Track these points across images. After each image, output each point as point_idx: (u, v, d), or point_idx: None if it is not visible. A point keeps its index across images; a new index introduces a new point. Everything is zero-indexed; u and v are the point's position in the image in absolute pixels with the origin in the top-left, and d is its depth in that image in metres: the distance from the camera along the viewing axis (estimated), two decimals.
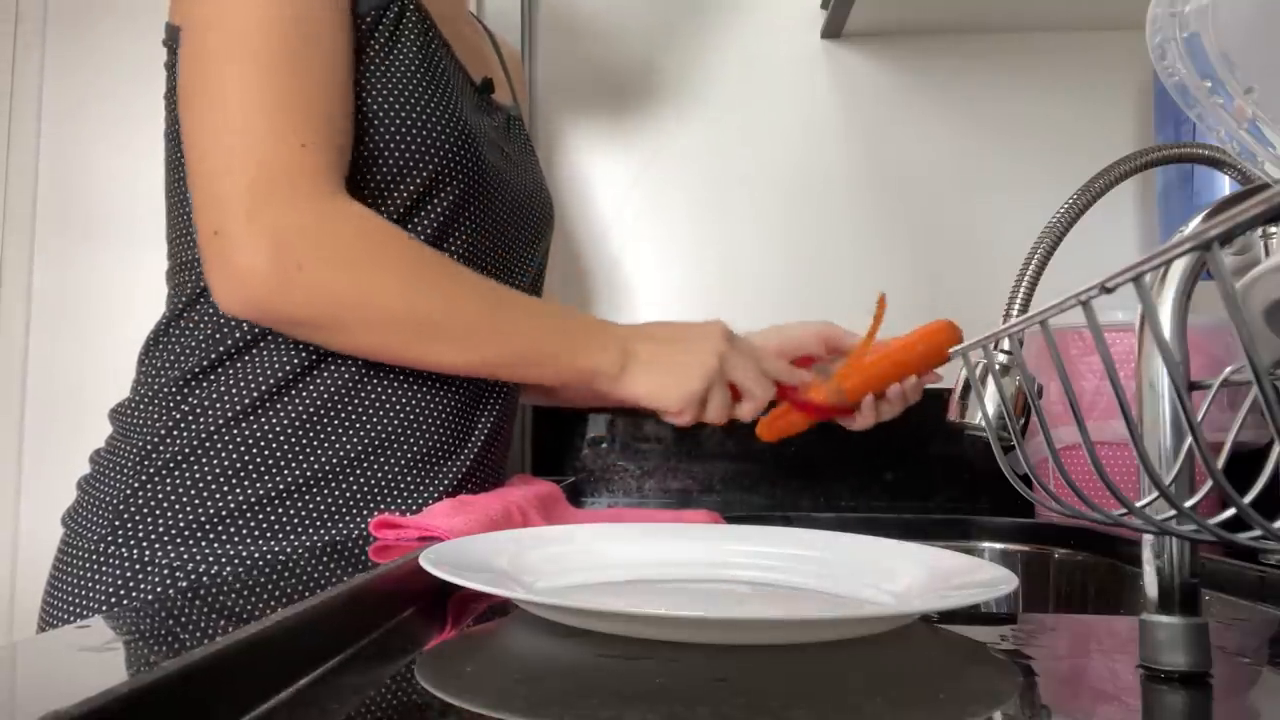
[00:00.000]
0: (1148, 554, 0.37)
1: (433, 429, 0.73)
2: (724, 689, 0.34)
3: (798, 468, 1.18)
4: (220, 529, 0.67)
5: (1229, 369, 0.37)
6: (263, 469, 0.68)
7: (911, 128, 1.24)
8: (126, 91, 1.27)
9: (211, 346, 0.69)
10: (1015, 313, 0.70)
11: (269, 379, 0.69)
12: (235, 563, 0.66)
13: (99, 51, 1.29)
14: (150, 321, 0.74)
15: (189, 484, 0.67)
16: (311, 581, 0.43)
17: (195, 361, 0.69)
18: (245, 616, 0.35)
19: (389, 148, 0.69)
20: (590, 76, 1.28)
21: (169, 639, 0.34)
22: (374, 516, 0.66)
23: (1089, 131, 1.22)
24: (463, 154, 0.72)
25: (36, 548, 1.22)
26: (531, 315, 0.71)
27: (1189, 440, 0.36)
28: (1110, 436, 0.88)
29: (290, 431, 0.69)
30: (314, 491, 0.68)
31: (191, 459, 0.68)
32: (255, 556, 0.67)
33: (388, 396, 0.71)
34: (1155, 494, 0.34)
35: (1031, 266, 0.70)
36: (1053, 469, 0.92)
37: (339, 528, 0.69)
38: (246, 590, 0.41)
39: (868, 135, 1.25)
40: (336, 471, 0.69)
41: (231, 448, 0.68)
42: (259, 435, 0.68)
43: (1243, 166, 0.63)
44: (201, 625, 0.35)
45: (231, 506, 0.67)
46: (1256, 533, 0.28)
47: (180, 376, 0.70)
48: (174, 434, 0.68)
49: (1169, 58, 0.40)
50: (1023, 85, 1.24)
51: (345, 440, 0.70)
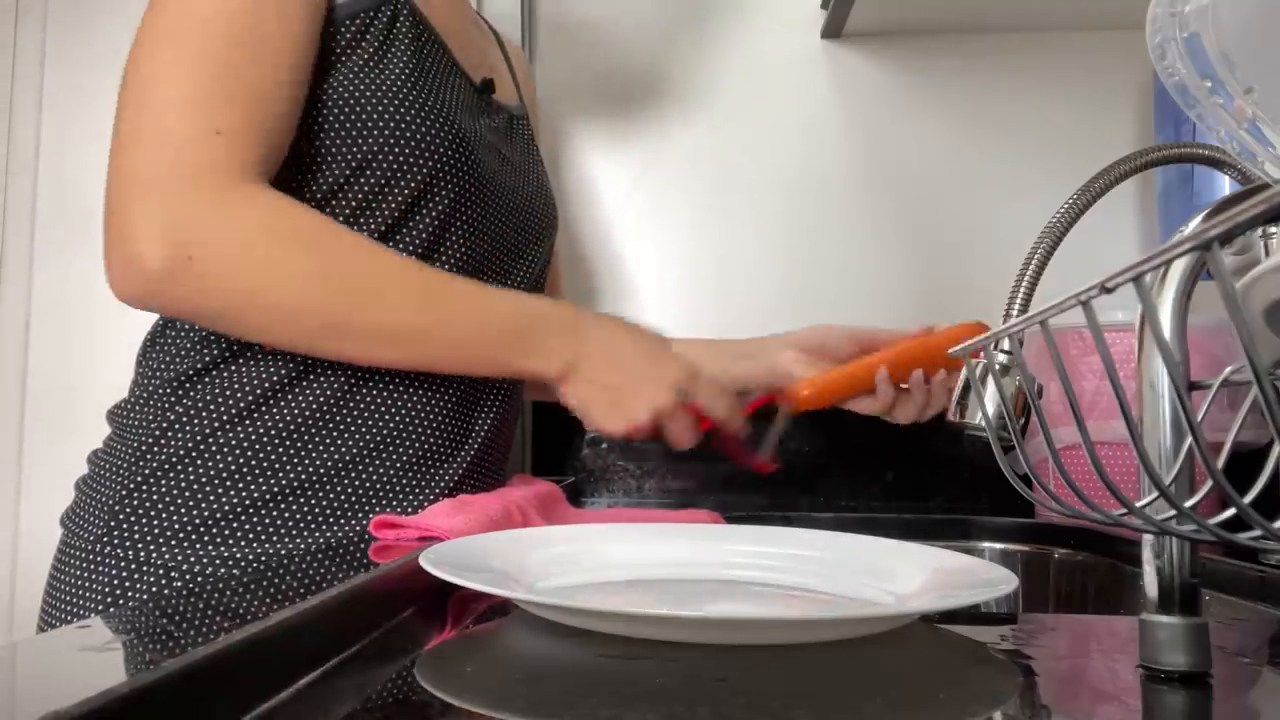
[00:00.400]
0: (1148, 554, 0.37)
1: (431, 429, 0.73)
2: (724, 689, 0.34)
3: (798, 468, 1.18)
4: (217, 530, 0.67)
5: (1229, 369, 0.37)
6: (260, 471, 0.68)
7: (911, 128, 1.24)
8: None
9: (208, 347, 0.69)
10: (1015, 313, 0.70)
11: (267, 380, 0.69)
12: (232, 563, 0.66)
13: (100, 50, 1.29)
14: (149, 322, 0.74)
15: (185, 485, 0.67)
16: (311, 581, 0.43)
17: (192, 363, 0.69)
18: (245, 616, 0.35)
19: (380, 154, 0.68)
20: (591, 77, 1.28)
21: (169, 639, 0.33)
22: (373, 517, 0.66)
23: (1089, 131, 1.22)
24: (456, 159, 0.72)
25: (36, 548, 1.22)
26: (473, 312, 0.68)
27: (1189, 440, 0.36)
28: (1110, 436, 0.88)
29: (288, 433, 0.69)
30: (312, 493, 0.68)
31: (188, 460, 0.68)
32: (253, 557, 0.66)
33: (386, 397, 0.71)
34: (1155, 494, 0.34)
35: (1031, 266, 0.70)
36: (1053, 469, 0.92)
37: (338, 529, 0.69)
38: (246, 590, 0.41)
39: (868, 136, 1.25)
40: (335, 473, 0.69)
41: (229, 449, 0.68)
42: (256, 437, 0.68)
43: (1243, 166, 0.63)
44: (201, 625, 0.35)
45: (229, 508, 0.67)
46: (1256, 533, 0.28)
47: (177, 377, 0.69)
48: (170, 435, 0.68)
49: (1169, 58, 0.40)
50: (1023, 85, 1.24)
51: (344, 441, 0.70)
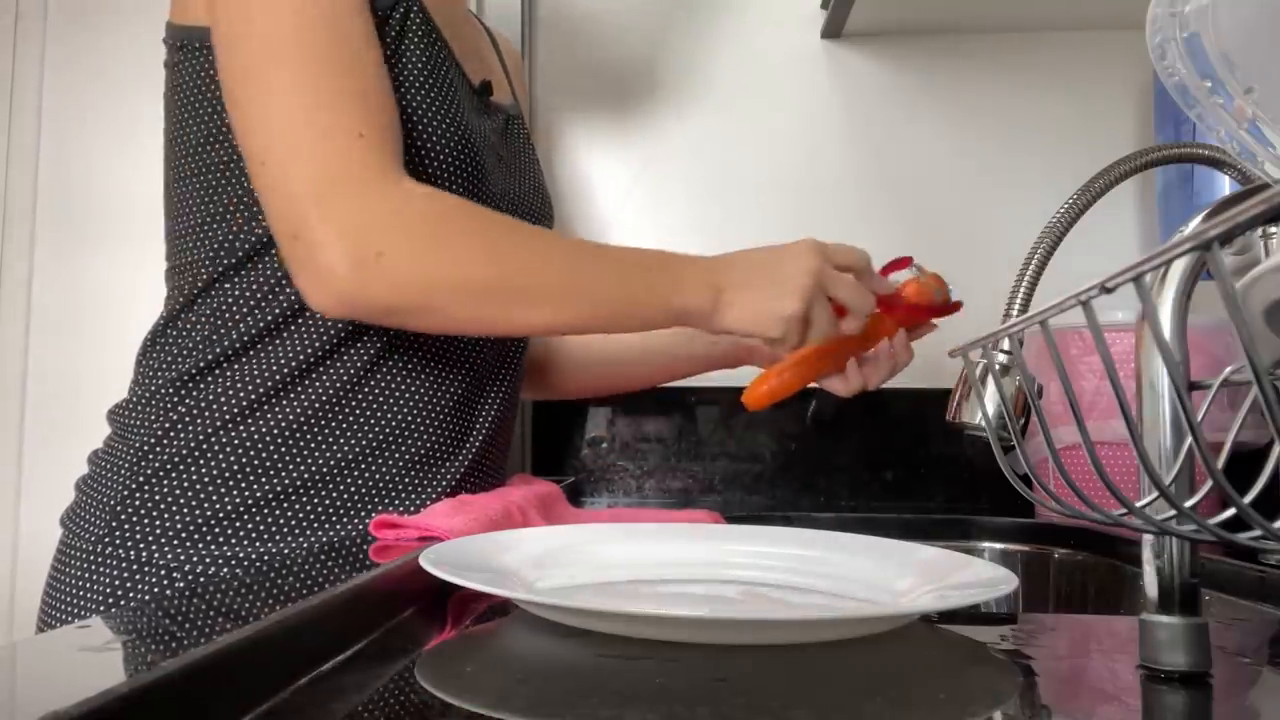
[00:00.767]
0: (1148, 554, 0.37)
1: (431, 429, 0.73)
2: (724, 689, 0.34)
3: (798, 468, 1.18)
4: (218, 530, 0.67)
5: (1229, 369, 0.37)
6: (261, 470, 0.68)
7: (911, 127, 1.24)
8: (127, 91, 1.27)
9: (209, 347, 0.69)
10: (1015, 313, 0.70)
11: (267, 380, 0.69)
12: (234, 563, 0.66)
13: (99, 50, 1.29)
14: (150, 321, 0.74)
15: (187, 485, 0.67)
16: (311, 581, 0.43)
17: (193, 362, 0.69)
18: (245, 616, 0.35)
19: None
20: (591, 75, 1.28)
21: (168, 639, 0.33)
22: (373, 517, 0.66)
23: (1089, 131, 1.22)
24: (462, 160, 0.72)
25: (36, 548, 1.22)
26: (616, 264, 0.69)
27: (1189, 440, 0.36)
28: (1110, 436, 0.88)
29: (288, 433, 0.69)
30: (313, 493, 0.68)
31: (189, 460, 0.68)
32: (254, 557, 0.66)
33: (386, 397, 0.71)
34: (1155, 494, 0.34)
35: (1031, 266, 0.70)
36: (1053, 469, 0.92)
37: (338, 528, 0.69)
38: (246, 590, 0.41)
39: (868, 135, 1.25)
40: (336, 472, 0.69)
41: (230, 449, 0.68)
42: (257, 436, 0.68)
43: (1243, 166, 0.63)
44: (201, 625, 0.35)
45: (230, 508, 0.67)
46: (1256, 533, 0.28)
47: (178, 377, 0.69)
48: (171, 435, 0.68)
49: (1169, 58, 0.40)
50: (1023, 85, 1.24)
51: (344, 441, 0.70)
